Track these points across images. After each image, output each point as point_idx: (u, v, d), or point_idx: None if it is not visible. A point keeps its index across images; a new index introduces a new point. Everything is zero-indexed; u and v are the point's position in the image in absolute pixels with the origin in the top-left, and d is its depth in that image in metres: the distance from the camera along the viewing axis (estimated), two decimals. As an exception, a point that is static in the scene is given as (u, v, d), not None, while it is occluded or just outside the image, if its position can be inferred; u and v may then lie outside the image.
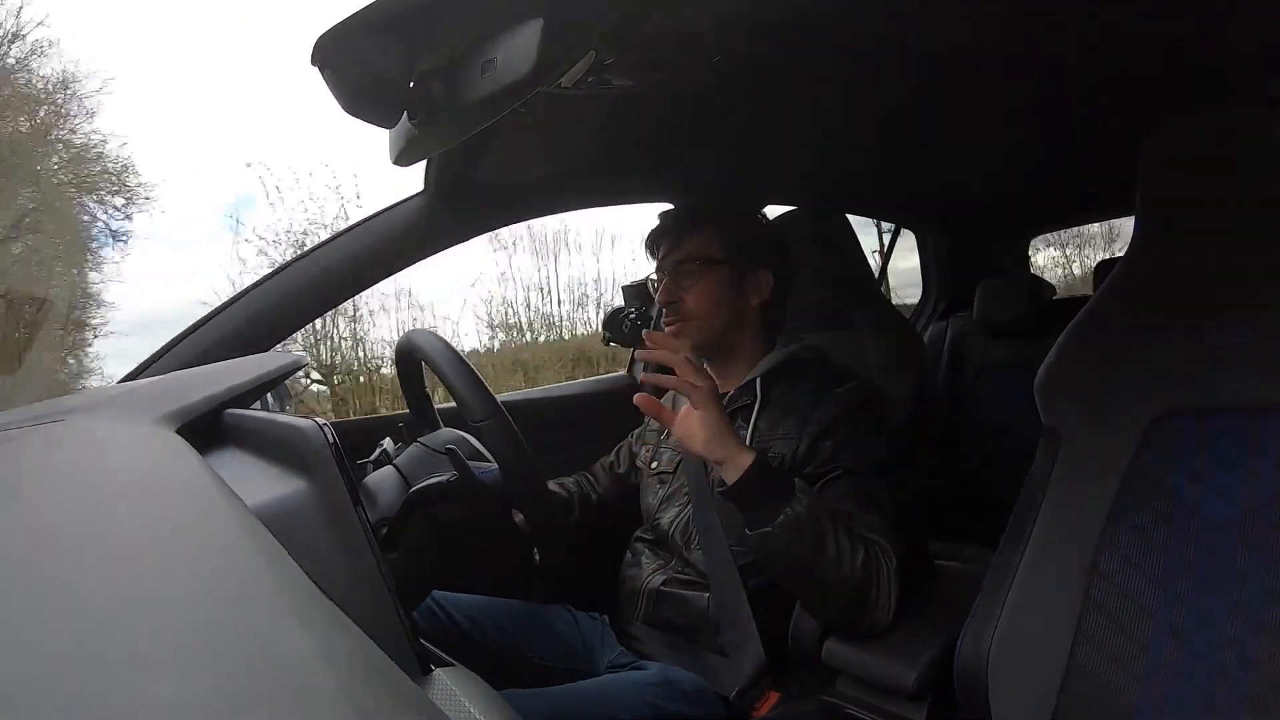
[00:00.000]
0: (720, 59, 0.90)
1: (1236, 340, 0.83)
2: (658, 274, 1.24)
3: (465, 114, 0.70)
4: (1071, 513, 0.89)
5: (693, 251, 1.19)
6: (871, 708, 0.97)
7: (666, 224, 1.25)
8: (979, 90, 1.21)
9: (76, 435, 0.69)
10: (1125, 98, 1.24)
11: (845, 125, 1.34)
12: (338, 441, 0.54)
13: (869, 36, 0.96)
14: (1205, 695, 0.75)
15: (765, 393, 1.16)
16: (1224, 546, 0.78)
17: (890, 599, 0.98)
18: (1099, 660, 0.82)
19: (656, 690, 1.02)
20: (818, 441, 1.08)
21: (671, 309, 1.20)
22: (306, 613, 0.34)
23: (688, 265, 1.19)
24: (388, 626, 0.46)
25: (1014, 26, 0.97)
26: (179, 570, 0.37)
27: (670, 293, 1.20)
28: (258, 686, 0.26)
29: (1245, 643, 0.74)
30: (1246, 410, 0.81)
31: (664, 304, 1.21)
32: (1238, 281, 0.85)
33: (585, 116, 1.08)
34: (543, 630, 1.18)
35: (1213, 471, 0.82)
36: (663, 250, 1.23)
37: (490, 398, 0.89)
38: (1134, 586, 0.82)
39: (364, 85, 0.69)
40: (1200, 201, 0.88)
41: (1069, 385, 0.94)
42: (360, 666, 0.31)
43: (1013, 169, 1.81)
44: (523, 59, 0.62)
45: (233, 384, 0.79)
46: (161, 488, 0.52)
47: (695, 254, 1.19)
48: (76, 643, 0.28)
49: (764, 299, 1.21)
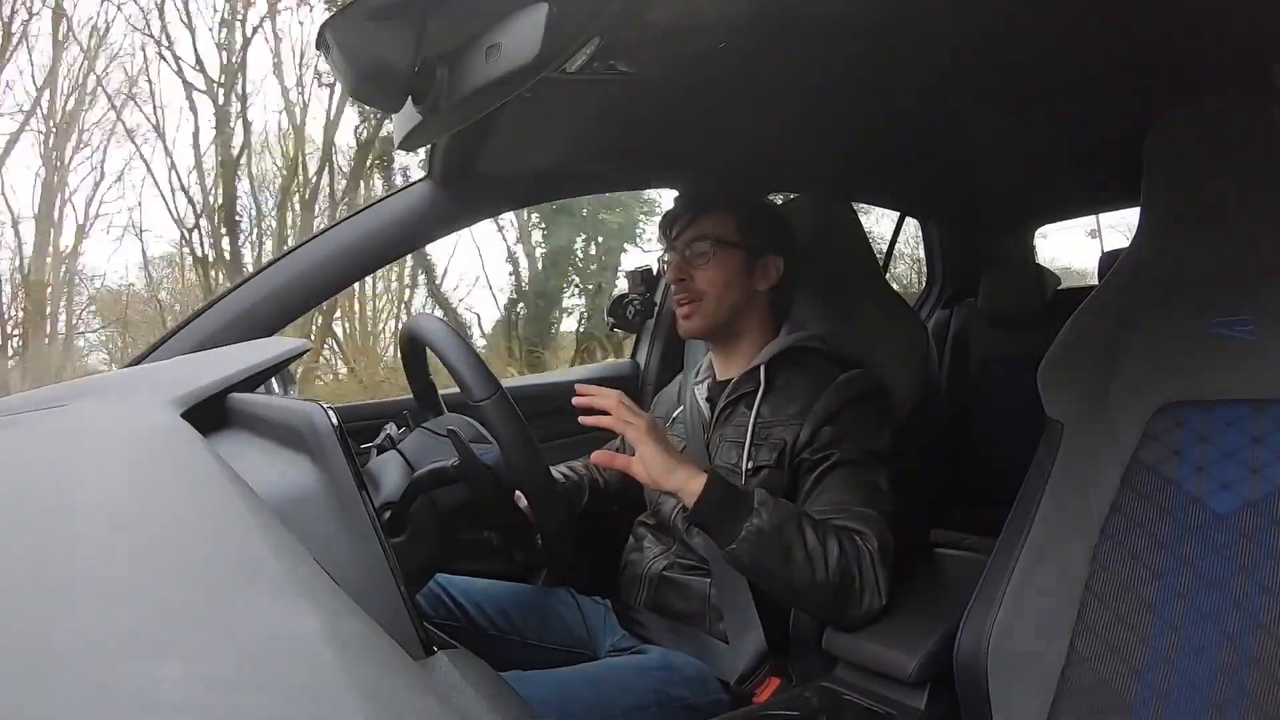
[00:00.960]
0: (725, 45, 0.89)
1: (1240, 332, 0.83)
2: (670, 254, 1.24)
3: (470, 99, 0.69)
4: (1073, 503, 0.89)
5: (707, 231, 1.19)
6: (871, 695, 0.97)
7: (683, 204, 1.25)
8: (985, 79, 1.20)
9: (82, 419, 0.70)
10: (1130, 87, 1.23)
11: (851, 114, 1.33)
12: (342, 425, 0.54)
13: (875, 25, 0.95)
14: (1203, 689, 0.75)
15: (769, 379, 1.16)
16: (1225, 540, 0.79)
17: (878, 585, 0.98)
18: (1099, 650, 0.82)
19: (658, 675, 1.03)
20: (819, 429, 1.08)
21: (681, 286, 1.19)
22: (310, 595, 0.35)
23: (701, 245, 1.19)
24: (391, 609, 0.47)
25: (1020, 15, 0.96)
26: (184, 553, 0.37)
27: (681, 270, 1.19)
28: (262, 667, 0.27)
29: (1244, 638, 0.74)
30: (1250, 402, 0.81)
31: (674, 281, 1.20)
32: (1242, 273, 0.85)
33: (590, 102, 1.08)
34: (545, 614, 1.19)
35: (1215, 463, 0.82)
36: (676, 230, 1.22)
37: (491, 378, 0.89)
38: (1135, 578, 0.83)
39: (369, 69, 0.69)
40: (1204, 192, 0.87)
41: (1072, 376, 0.94)
42: (364, 648, 0.32)
43: (1018, 159, 1.80)
44: (528, 44, 0.62)
45: (237, 368, 0.80)
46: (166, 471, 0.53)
47: (709, 234, 1.19)
48: (82, 625, 0.28)
49: (772, 284, 1.21)
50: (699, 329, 1.21)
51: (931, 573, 1.17)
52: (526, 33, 0.62)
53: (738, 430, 1.15)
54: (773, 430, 1.11)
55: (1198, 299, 0.87)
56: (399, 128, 0.81)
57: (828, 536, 0.97)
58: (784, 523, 0.96)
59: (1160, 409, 0.86)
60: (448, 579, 1.17)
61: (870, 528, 1.00)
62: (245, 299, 1.16)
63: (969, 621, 0.90)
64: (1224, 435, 0.82)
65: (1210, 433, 0.83)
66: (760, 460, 1.10)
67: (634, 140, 1.32)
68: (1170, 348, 0.88)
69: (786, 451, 1.09)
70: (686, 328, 1.22)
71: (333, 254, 1.21)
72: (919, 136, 1.52)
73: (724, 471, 1.14)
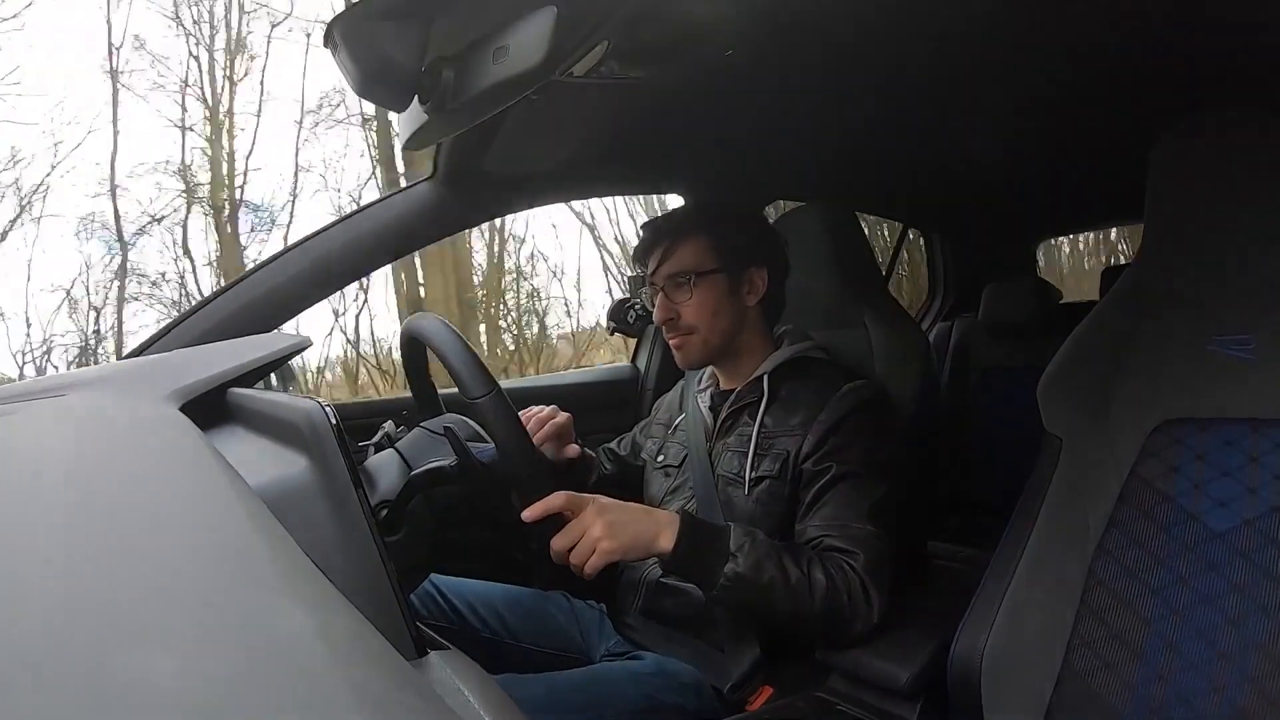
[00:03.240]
0: (733, 52, 0.89)
1: (1240, 350, 0.83)
2: (650, 288, 1.22)
3: (476, 100, 0.70)
4: (1071, 518, 0.89)
5: (684, 264, 1.16)
6: (864, 705, 0.97)
7: (652, 237, 1.21)
8: (990, 92, 1.20)
9: (79, 410, 0.70)
10: (1134, 102, 1.23)
11: (856, 124, 1.34)
12: (339, 423, 0.54)
13: (881, 36, 0.96)
14: (1197, 707, 0.75)
15: (773, 389, 1.15)
16: (1222, 558, 0.78)
17: (870, 603, 0.97)
18: (1093, 665, 0.82)
19: (652, 681, 1.03)
20: (822, 440, 1.07)
21: (670, 325, 1.18)
22: (304, 593, 0.35)
23: (680, 279, 1.16)
24: (385, 608, 0.47)
25: (1024, 28, 0.96)
26: (179, 547, 0.37)
27: (667, 310, 1.17)
28: (254, 664, 0.27)
29: (1239, 656, 0.74)
30: (1248, 421, 0.81)
31: (661, 322, 1.18)
32: (1243, 291, 0.85)
33: (596, 107, 1.08)
34: (540, 617, 1.19)
35: (1213, 481, 0.82)
36: (652, 265, 1.19)
37: (488, 376, 0.88)
38: (1130, 594, 0.83)
39: (376, 69, 0.69)
40: (1207, 208, 0.87)
41: (1072, 391, 0.94)
42: (356, 647, 0.32)
43: (1022, 173, 1.81)
44: (535, 47, 0.62)
45: (236, 363, 0.80)
46: (163, 465, 0.53)
47: (687, 266, 1.16)
48: (75, 619, 0.28)
49: (760, 296, 1.20)
50: (697, 361, 1.20)
51: (927, 584, 1.17)
52: (534, 36, 0.62)
53: (741, 440, 1.15)
54: (776, 440, 1.11)
55: (1199, 316, 0.87)
56: (405, 127, 0.81)
57: (812, 567, 0.96)
58: (762, 562, 0.94)
59: (1159, 425, 0.86)
60: (442, 579, 1.17)
61: (861, 546, 0.99)
62: (247, 293, 1.16)
63: (963, 634, 0.90)
64: (1222, 453, 0.82)
65: (1208, 450, 0.83)
66: (763, 470, 1.10)
67: (639, 145, 1.32)
68: (1170, 365, 0.88)
69: (789, 462, 1.08)
70: (684, 360, 1.21)
71: (334, 250, 1.21)
72: (923, 148, 1.52)
73: (726, 480, 1.14)
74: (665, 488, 1.24)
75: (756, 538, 0.97)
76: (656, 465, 1.29)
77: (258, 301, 1.15)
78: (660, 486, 1.25)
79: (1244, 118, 0.85)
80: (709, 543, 0.95)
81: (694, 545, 0.94)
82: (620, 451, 1.40)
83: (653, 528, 0.94)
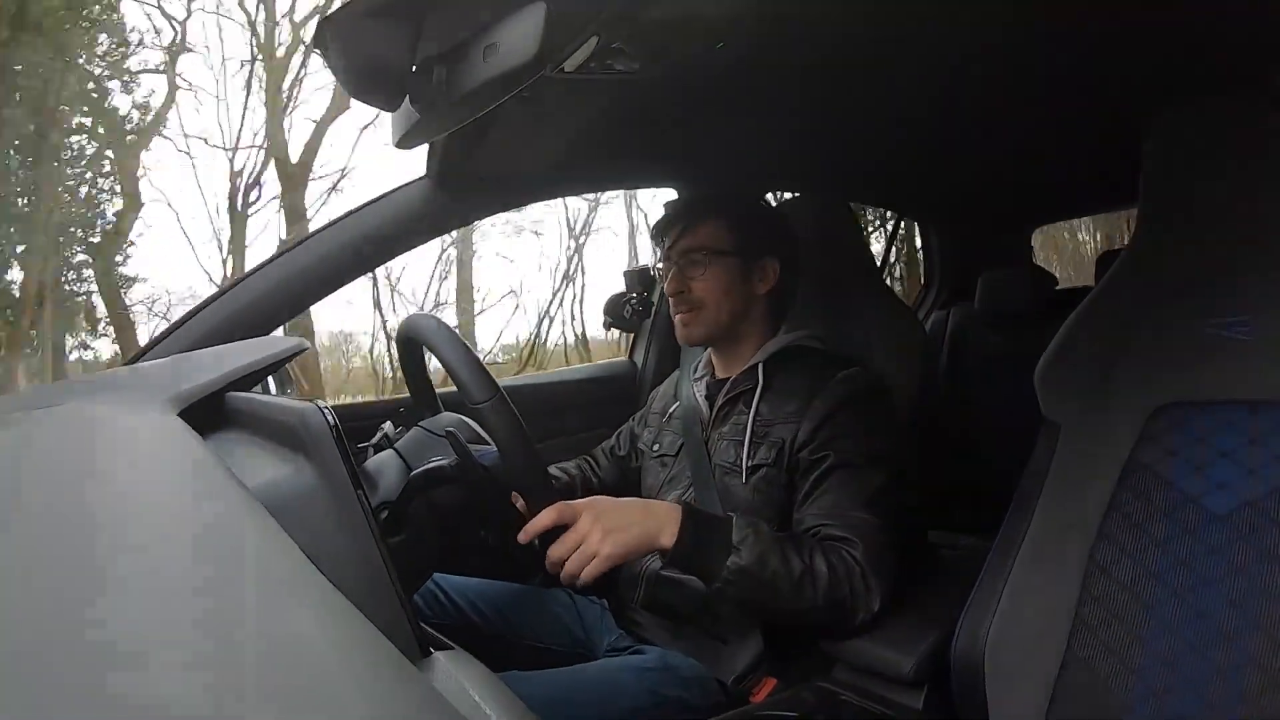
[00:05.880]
0: (724, 45, 0.89)
1: (1237, 332, 0.83)
2: (664, 263, 1.24)
3: (468, 98, 0.69)
4: (1070, 503, 0.89)
5: (702, 241, 1.19)
6: (868, 694, 0.97)
7: (674, 213, 1.24)
8: (983, 80, 1.20)
9: (79, 419, 0.69)
10: (1127, 88, 1.23)
11: (850, 114, 1.33)
12: (338, 425, 0.54)
13: (873, 25, 0.96)
14: (1200, 689, 0.75)
15: (768, 378, 1.16)
16: (1222, 540, 0.78)
17: (873, 591, 0.98)
18: (1095, 650, 0.82)
19: (656, 675, 1.03)
20: (817, 428, 1.08)
21: (680, 298, 1.20)
22: (307, 596, 0.35)
23: (696, 255, 1.19)
24: (388, 610, 0.47)
25: (1018, 16, 0.96)
26: (180, 553, 0.37)
27: (679, 282, 1.19)
28: (257, 668, 0.27)
29: (1240, 638, 0.74)
30: (1247, 403, 0.81)
31: (672, 294, 1.21)
32: (1240, 273, 0.85)
33: (588, 102, 1.08)
34: (542, 614, 1.19)
35: (1213, 464, 0.82)
36: (670, 239, 1.22)
37: (490, 380, 0.89)
38: (1131, 578, 0.83)
39: (367, 68, 0.69)
40: (1202, 192, 0.87)
41: (1069, 376, 0.94)
42: (360, 649, 0.32)
43: (1016, 160, 1.80)
44: (525, 44, 0.62)
45: (234, 367, 0.79)
46: (164, 471, 0.53)
47: (704, 244, 1.19)
48: (74, 627, 0.28)
49: (770, 287, 1.21)
50: (699, 336, 1.21)
51: (928, 573, 1.17)
52: (524, 32, 0.62)
53: (736, 428, 1.15)
54: (771, 428, 1.11)
55: (1195, 299, 0.87)
56: (397, 126, 0.81)
57: (814, 556, 0.96)
58: (765, 554, 0.95)
59: (1158, 409, 0.86)
60: (445, 579, 1.17)
61: (860, 535, 0.99)
62: (241, 297, 1.15)
63: (966, 621, 0.90)
64: (1221, 436, 0.82)
65: (1208, 433, 0.83)
66: (759, 459, 1.10)
67: (632, 140, 1.32)
68: (1168, 348, 0.88)
69: (785, 450, 1.09)
70: (686, 335, 1.22)
71: (329, 252, 1.21)
72: (917, 137, 1.52)
73: (724, 469, 1.14)
74: (662, 478, 1.24)
75: (759, 529, 0.97)
76: (653, 455, 1.29)
77: (254, 305, 1.15)
78: (657, 476, 1.26)
79: (1237, 103, 0.85)
80: (711, 536, 0.95)
81: (696, 539, 0.94)
82: (620, 451, 1.41)
83: (653, 525, 0.93)
